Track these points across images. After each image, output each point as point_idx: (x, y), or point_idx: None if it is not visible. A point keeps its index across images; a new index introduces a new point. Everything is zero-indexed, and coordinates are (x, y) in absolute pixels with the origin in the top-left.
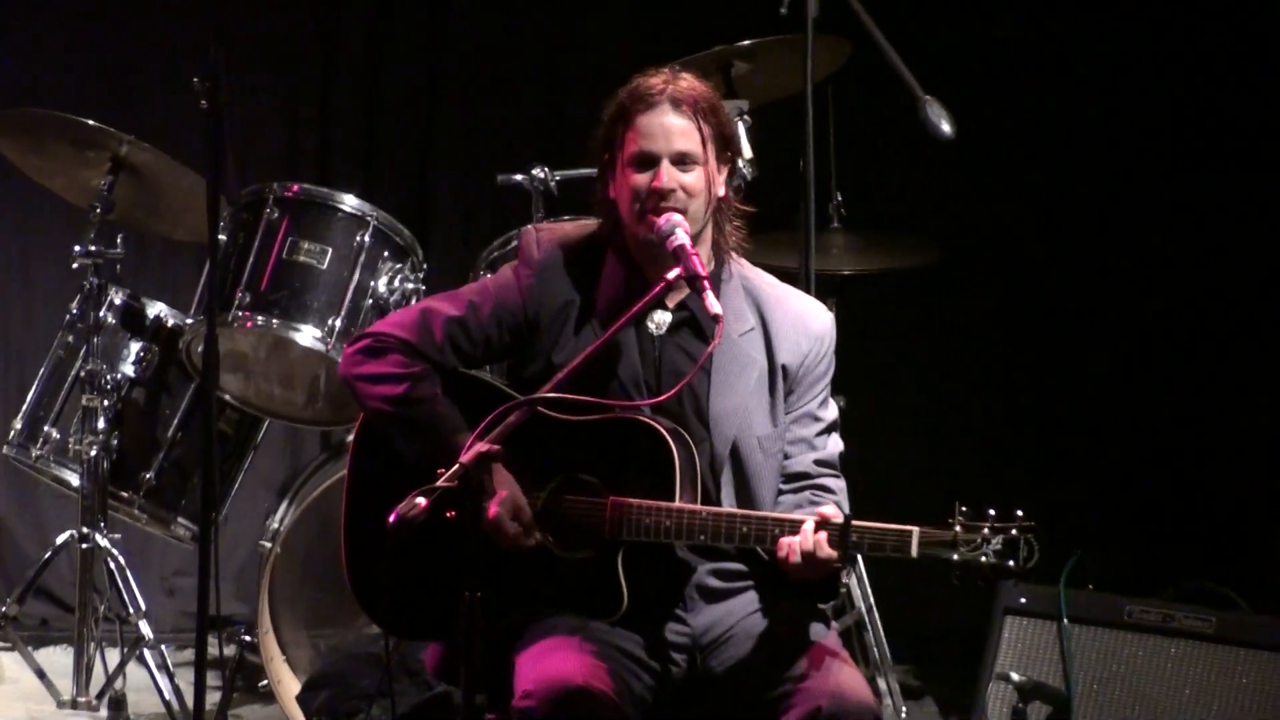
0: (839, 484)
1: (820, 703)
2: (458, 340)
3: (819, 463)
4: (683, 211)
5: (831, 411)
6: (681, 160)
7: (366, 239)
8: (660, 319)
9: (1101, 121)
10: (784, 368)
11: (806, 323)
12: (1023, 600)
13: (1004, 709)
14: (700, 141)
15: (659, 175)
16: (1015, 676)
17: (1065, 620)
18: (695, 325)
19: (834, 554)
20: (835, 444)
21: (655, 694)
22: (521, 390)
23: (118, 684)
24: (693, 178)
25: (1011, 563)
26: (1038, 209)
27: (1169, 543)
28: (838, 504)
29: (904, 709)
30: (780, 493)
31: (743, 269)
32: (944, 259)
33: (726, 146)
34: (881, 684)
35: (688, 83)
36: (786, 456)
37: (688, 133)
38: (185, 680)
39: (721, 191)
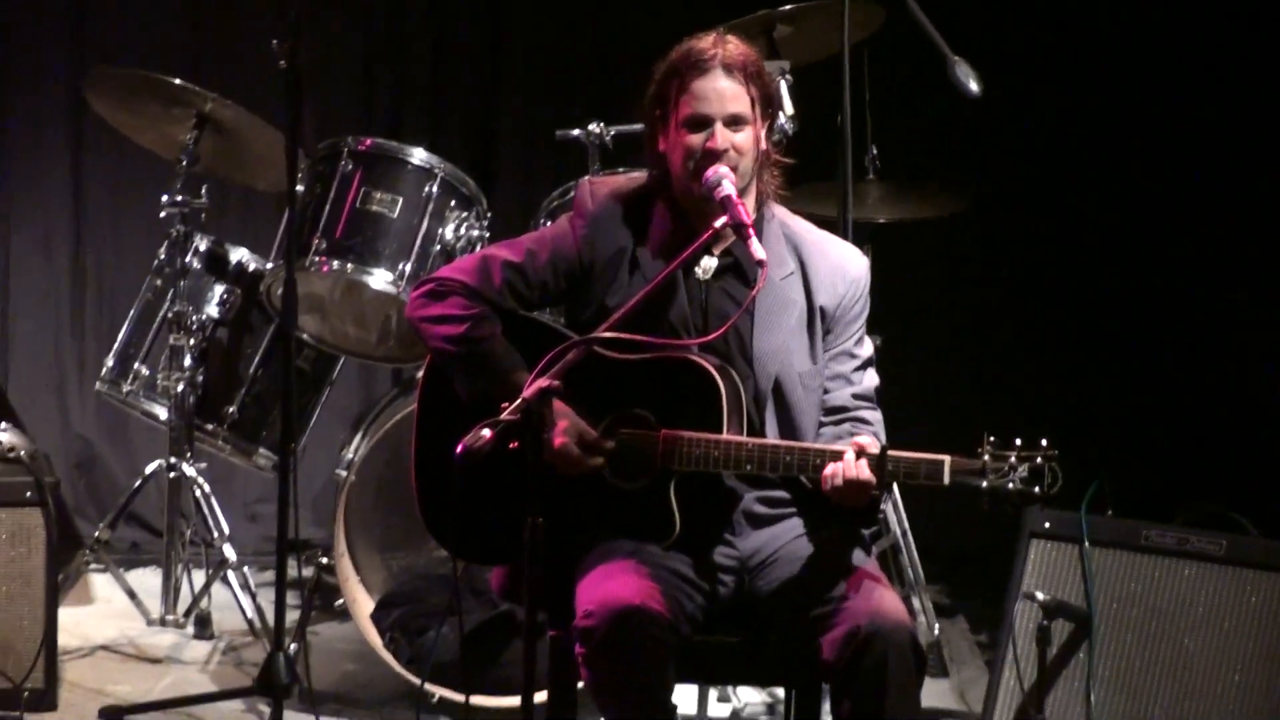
0: (876, 416)
1: (859, 622)
2: (516, 285)
3: (856, 396)
4: (733, 168)
5: (867, 349)
6: (733, 121)
7: (434, 189)
8: (707, 265)
9: (1119, 79)
10: (822, 309)
11: (843, 266)
12: (1047, 525)
13: (1030, 626)
14: (750, 103)
15: (714, 137)
16: (1040, 596)
17: (1086, 544)
18: (739, 270)
19: (873, 481)
20: (871, 379)
21: (705, 612)
22: (578, 332)
23: (203, 603)
24: (743, 137)
25: (1036, 489)
26: (1059, 160)
27: (1184, 471)
28: (875, 434)
29: (937, 626)
30: (821, 425)
31: (782, 216)
32: (971, 207)
33: (769, 105)
34: (916, 603)
35: (736, 47)
36: (826, 391)
37: (738, 96)
38: (266, 600)
39: (764, 145)
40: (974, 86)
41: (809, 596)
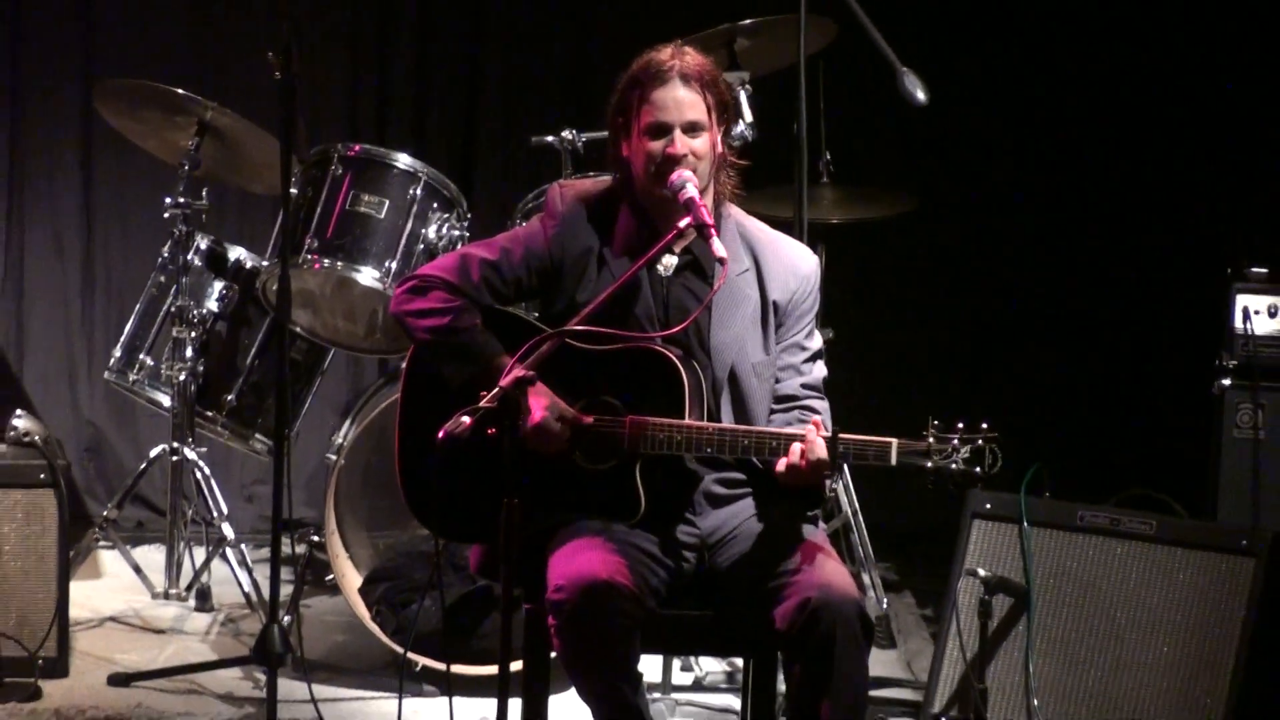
0: (823, 405)
1: (810, 594)
2: (492, 281)
3: (805, 386)
4: (692, 171)
5: (816, 342)
6: (691, 128)
7: (418, 192)
8: (668, 262)
9: (1058, 90)
10: (775, 304)
11: (795, 264)
12: (988, 506)
13: (972, 600)
14: (706, 110)
15: (674, 143)
16: (982, 572)
17: (1025, 524)
18: (698, 267)
19: (825, 460)
20: (820, 370)
21: (668, 587)
22: (550, 325)
23: (203, 578)
24: (700, 142)
25: (978, 469)
26: (998, 166)
27: (1117, 457)
28: (822, 422)
29: (885, 600)
30: (772, 412)
31: (738, 216)
32: (918, 209)
33: (725, 111)
34: (865, 579)
35: (693, 58)
36: (777, 381)
37: (695, 104)
38: (262, 575)
39: (720, 149)
40: (921, 95)
41: (763, 571)
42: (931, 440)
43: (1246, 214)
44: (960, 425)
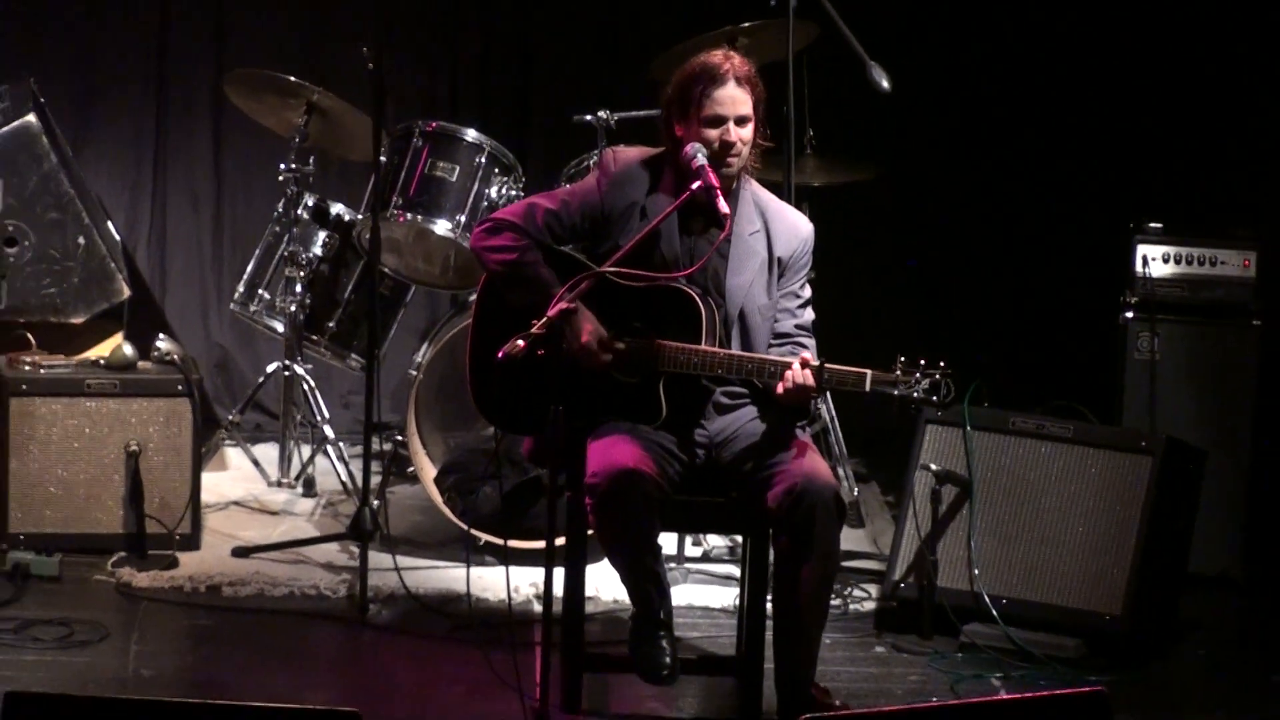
0: (811, 342)
1: (796, 481)
2: (552, 225)
3: (798, 327)
4: (738, 155)
5: (808, 292)
6: (741, 121)
7: (483, 160)
8: (697, 222)
9: (987, 84)
10: (779, 259)
11: (797, 228)
12: (939, 414)
13: (926, 489)
14: (753, 106)
15: (728, 132)
16: (933, 467)
17: (968, 428)
18: (716, 221)
19: (813, 386)
20: (809, 315)
21: (683, 477)
22: (597, 263)
23: (309, 470)
24: (747, 131)
25: (935, 397)
26: (945, 139)
27: (1042, 375)
28: (810, 355)
29: (855, 489)
30: (770, 346)
31: (754, 187)
32: (881, 175)
33: (761, 105)
34: (840, 471)
35: (741, 62)
36: (776, 321)
37: (745, 101)
38: (356, 467)
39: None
40: (885, 84)
41: (758, 464)
42: (899, 373)
43: (1146, 179)
44: (922, 361)
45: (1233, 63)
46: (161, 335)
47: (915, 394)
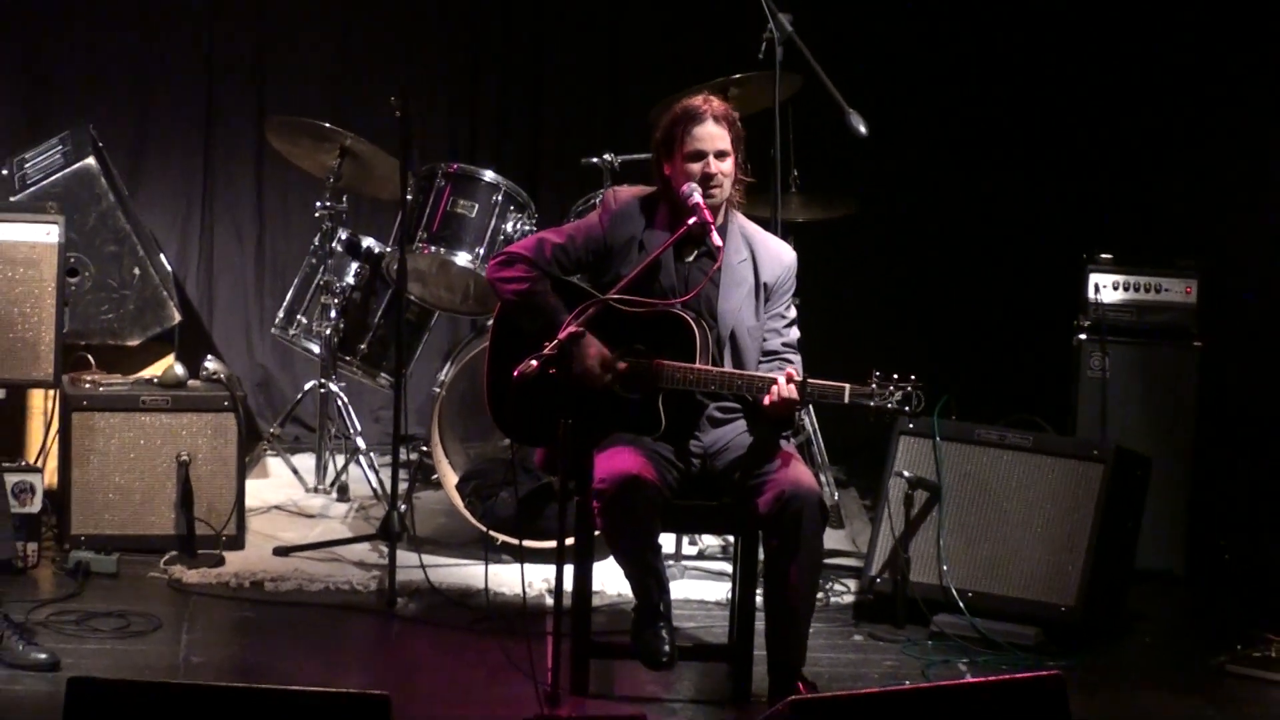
0: (797, 359)
1: (784, 488)
2: (560, 258)
3: (785, 344)
4: (720, 186)
5: (793, 313)
6: (720, 155)
7: (499, 198)
8: (689, 251)
9: (952, 129)
10: (765, 284)
11: (780, 256)
12: (911, 425)
13: (899, 494)
14: (731, 142)
15: (709, 165)
16: (906, 473)
17: (938, 438)
18: (710, 256)
19: (797, 399)
20: (795, 333)
21: (680, 483)
22: (600, 292)
23: (343, 477)
24: (727, 165)
25: (907, 408)
26: (916, 179)
27: (1004, 391)
28: (796, 370)
29: (836, 493)
30: (760, 362)
31: (740, 219)
32: (860, 211)
33: (741, 141)
34: (822, 478)
35: (719, 103)
36: (765, 340)
37: (723, 137)
38: (385, 475)
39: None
40: (862, 129)
41: (749, 472)
42: (874, 386)
43: (1098, 215)
44: (895, 376)
45: (1177, 109)
46: (209, 356)
47: (889, 404)
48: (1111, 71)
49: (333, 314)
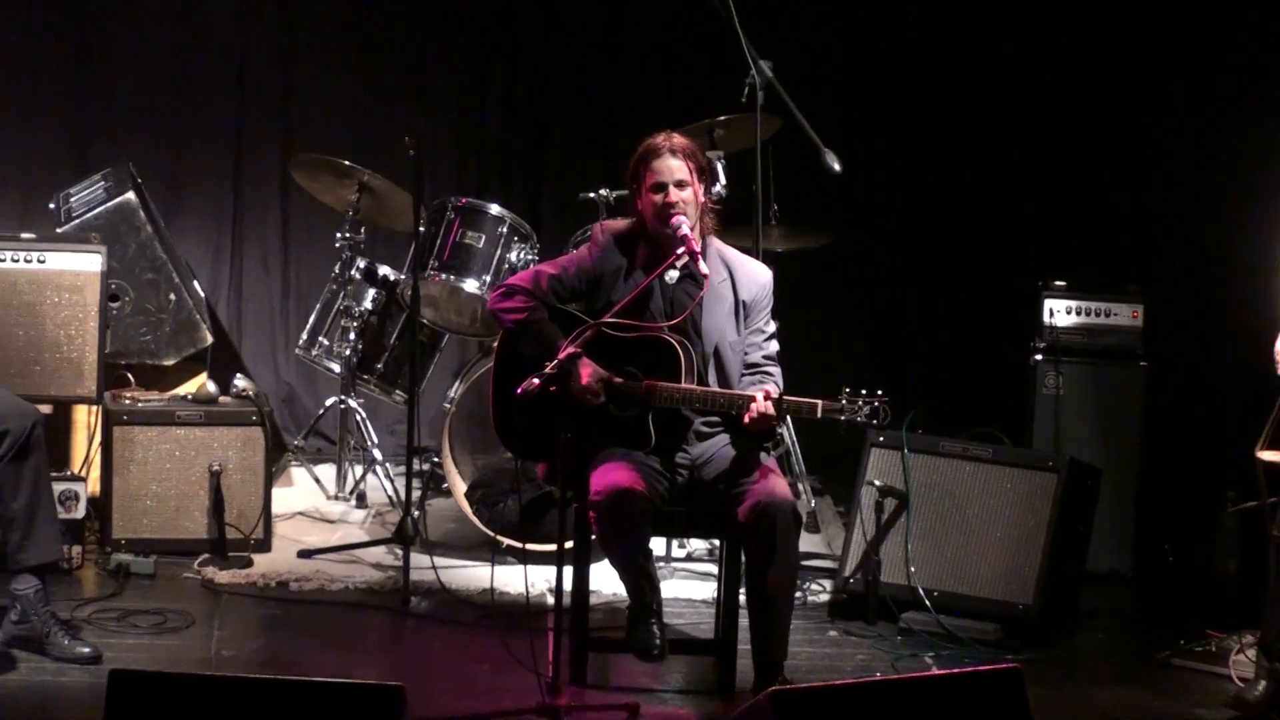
0: (777, 370)
1: (761, 498)
2: (555, 289)
3: (765, 357)
4: (683, 214)
5: (772, 327)
6: (680, 185)
7: (505, 229)
8: (671, 275)
9: (920, 163)
10: (744, 302)
11: (757, 275)
12: (881, 439)
13: (871, 502)
14: (689, 172)
15: (668, 195)
16: (877, 483)
17: (906, 450)
18: (692, 278)
19: (773, 414)
20: (774, 346)
21: (669, 492)
22: (593, 318)
23: (361, 486)
24: (687, 193)
25: (874, 421)
26: (886, 213)
27: (966, 406)
28: (776, 382)
29: (813, 501)
30: (743, 375)
31: (718, 244)
32: (834, 242)
33: (703, 173)
34: (800, 486)
35: (678, 138)
36: (746, 354)
37: (681, 168)
38: (399, 484)
39: (702, 199)
40: (836, 167)
41: (731, 482)
42: (844, 401)
43: (1052, 246)
44: (864, 392)
45: (1124, 150)
46: (238, 375)
47: (858, 418)
48: (1062, 114)
49: (352, 336)
